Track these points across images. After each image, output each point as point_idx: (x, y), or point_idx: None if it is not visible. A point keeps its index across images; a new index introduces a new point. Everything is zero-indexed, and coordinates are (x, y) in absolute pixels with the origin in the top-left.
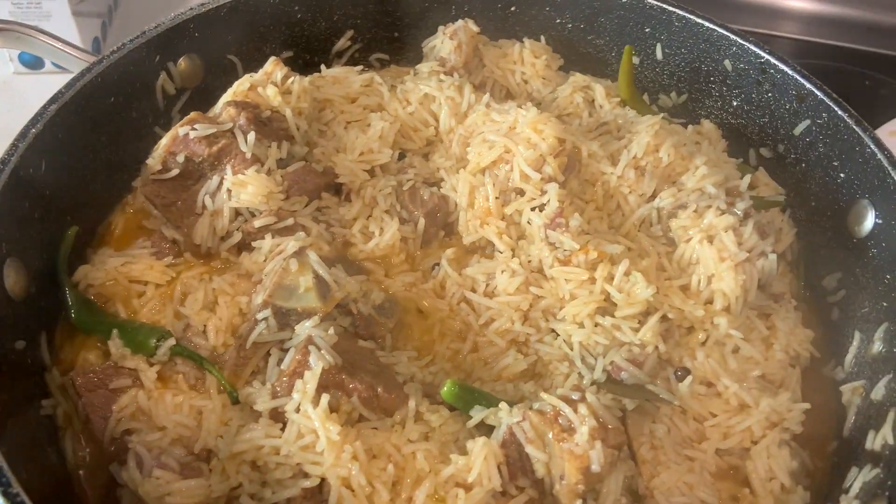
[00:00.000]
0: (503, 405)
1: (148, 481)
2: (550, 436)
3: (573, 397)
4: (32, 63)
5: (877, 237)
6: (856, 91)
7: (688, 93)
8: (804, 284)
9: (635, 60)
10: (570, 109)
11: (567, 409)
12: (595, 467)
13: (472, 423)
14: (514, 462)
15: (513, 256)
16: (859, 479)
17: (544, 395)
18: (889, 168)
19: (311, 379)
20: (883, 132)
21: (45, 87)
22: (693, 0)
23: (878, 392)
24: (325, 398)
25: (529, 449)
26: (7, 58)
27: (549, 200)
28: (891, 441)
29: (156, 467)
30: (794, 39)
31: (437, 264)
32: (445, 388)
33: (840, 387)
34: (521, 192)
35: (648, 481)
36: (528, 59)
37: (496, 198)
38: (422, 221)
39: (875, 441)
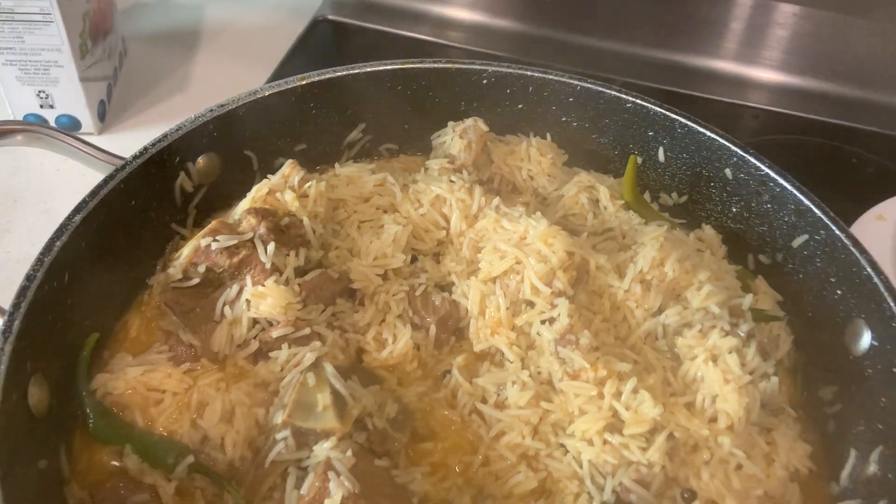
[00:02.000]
0: None
1: None
2: None
3: None
4: None
5: (872, 358)
6: (841, 169)
7: (688, 194)
8: (801, 392)
9: (638, 160)
10: (575, 210)
11: None
12: None
13: None
14: None
15: (522, 367)
16: None
17: None
18: (885, 293)
19: None
20: (869, 217)
21: (51, 150)
22: (661, 71)
23: None
24: None
25: None
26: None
27: (559, 315)
28: None
29: None
30: (769, 111)
31: (449, 372)
32: None
33: (836, 503)
34: (532, 304)
35: None
36: (535, 157)
37: (507, 308)
38: (433, 328)
39: None
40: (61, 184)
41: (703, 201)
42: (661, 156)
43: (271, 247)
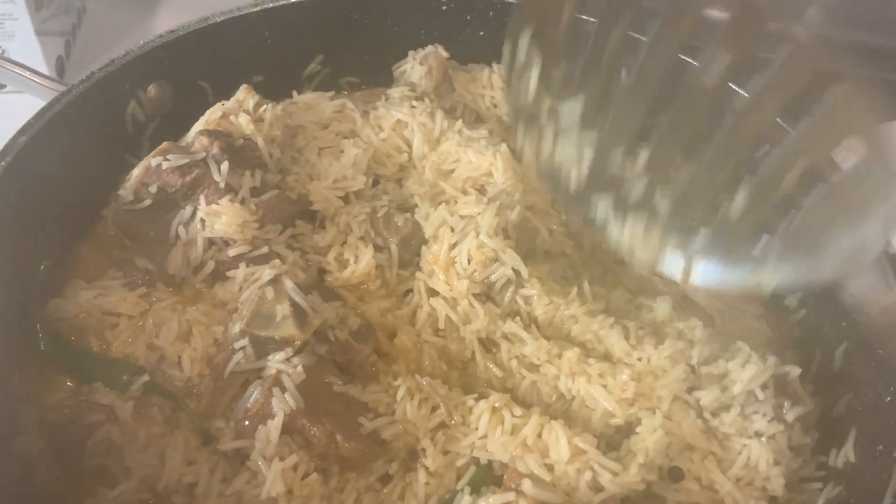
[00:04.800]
0: None
1: None
2: None
3: (509, 498)
4: None
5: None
6: None
7: None
8: (767, 303)
9: None
10: None
11: None
12: None
13: None
14: None
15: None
16: (823, 496)
17: (481, 503)
18: None
19: (274, 428)
20: None
21: (8, 106)
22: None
23: (839, 410)
24: (292, 459)
25: None
26: None
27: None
28: (852, 459)
29: None
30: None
31: (411, 290)
32: None
33: None
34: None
35: None
36: (497, 83)
37: (449, 248)
38: (394, 248)
39: (838, 459)
40: None
41: None
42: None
43: (225, 165)
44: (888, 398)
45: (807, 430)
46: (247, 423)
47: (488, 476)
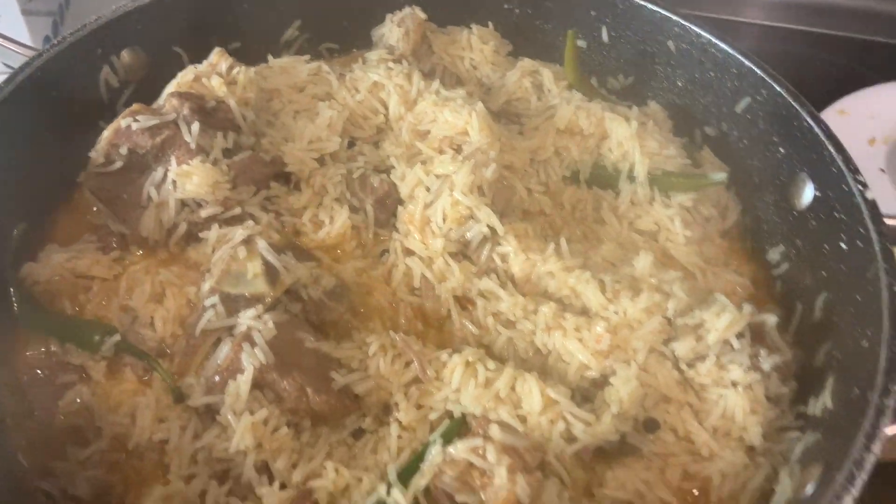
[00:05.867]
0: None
1: None
2: (476, 481)
3: (477, 444)
4: None
5: (815, 209)
6: (808, 72)
7: (634, 74)
8: (750, 258)
9: (582, 44)
10: (518, 94)
11: (478, 461)
12: (524, 499)
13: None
14: None
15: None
16: (801, 444)
17: (451, 450)
18: (826, 141)
19: (244, 383)
20: (832, 111)
21: None
22: None
23: (819, 360)
24: (261, 413)
25: (461, 497)
26: None
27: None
28: (830, 405)
29: None
30: (759, 25)
31: (387, 251)
32: None
33: None
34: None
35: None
36: (477, 45)
37: (424, 207)
38: (370, 208)
39: (816, 406)
40: None
41: (649, 80)
42: (605, 36)
43: (195, 126)
44: (865, 342)
45: (785, 380)
46: (217, 378)
47: (462, 429)
